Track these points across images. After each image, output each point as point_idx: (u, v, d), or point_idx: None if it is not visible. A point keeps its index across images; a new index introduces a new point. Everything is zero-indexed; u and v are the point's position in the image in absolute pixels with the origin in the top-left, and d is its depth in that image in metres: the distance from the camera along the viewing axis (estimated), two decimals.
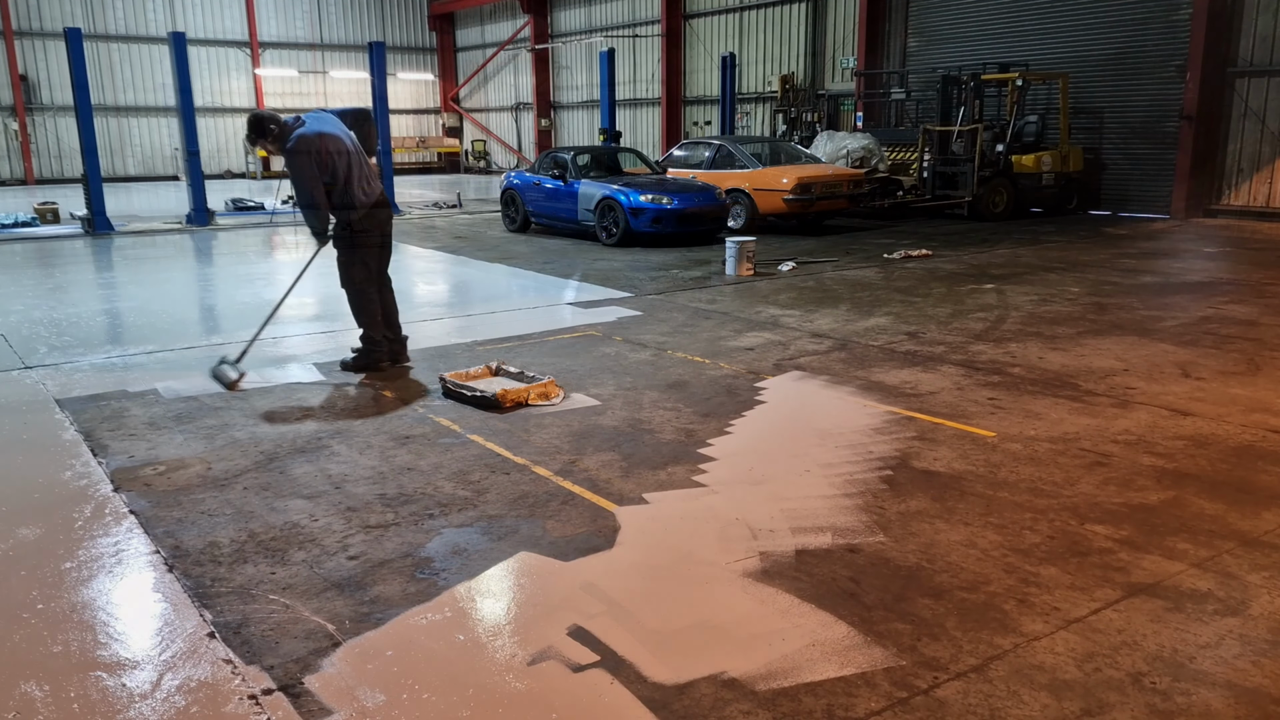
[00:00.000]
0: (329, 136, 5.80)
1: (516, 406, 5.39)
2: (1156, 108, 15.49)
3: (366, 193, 5.95)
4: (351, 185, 5.88)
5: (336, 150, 5.80)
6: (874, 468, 4.42)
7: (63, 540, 3.73)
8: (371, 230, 6.09)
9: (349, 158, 5.87)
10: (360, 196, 5.92)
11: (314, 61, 31.77)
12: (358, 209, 5.94)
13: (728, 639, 2.97)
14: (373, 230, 6.09)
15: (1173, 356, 6.46)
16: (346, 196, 5.89)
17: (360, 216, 5.97)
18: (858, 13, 19.54)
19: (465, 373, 5.88)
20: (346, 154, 5.86)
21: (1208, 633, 2.98)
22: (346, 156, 5.85)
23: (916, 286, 9.38)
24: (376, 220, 6.10)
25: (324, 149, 5.75)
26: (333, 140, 5.81)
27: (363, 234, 6.05)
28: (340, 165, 5.80)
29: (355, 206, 5.93)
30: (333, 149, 5.78)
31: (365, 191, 5.94)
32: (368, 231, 6.07)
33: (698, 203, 12.77)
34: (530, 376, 5.80)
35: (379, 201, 6.08)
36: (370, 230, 6.08)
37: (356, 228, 6.01)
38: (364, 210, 5.97)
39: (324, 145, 5.75)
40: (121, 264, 11.82)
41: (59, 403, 5.60)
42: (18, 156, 27.09)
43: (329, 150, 5.76)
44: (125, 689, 2.75)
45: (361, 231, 6.04)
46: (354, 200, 5.91)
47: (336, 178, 5.82)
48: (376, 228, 6.12)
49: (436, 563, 3.51)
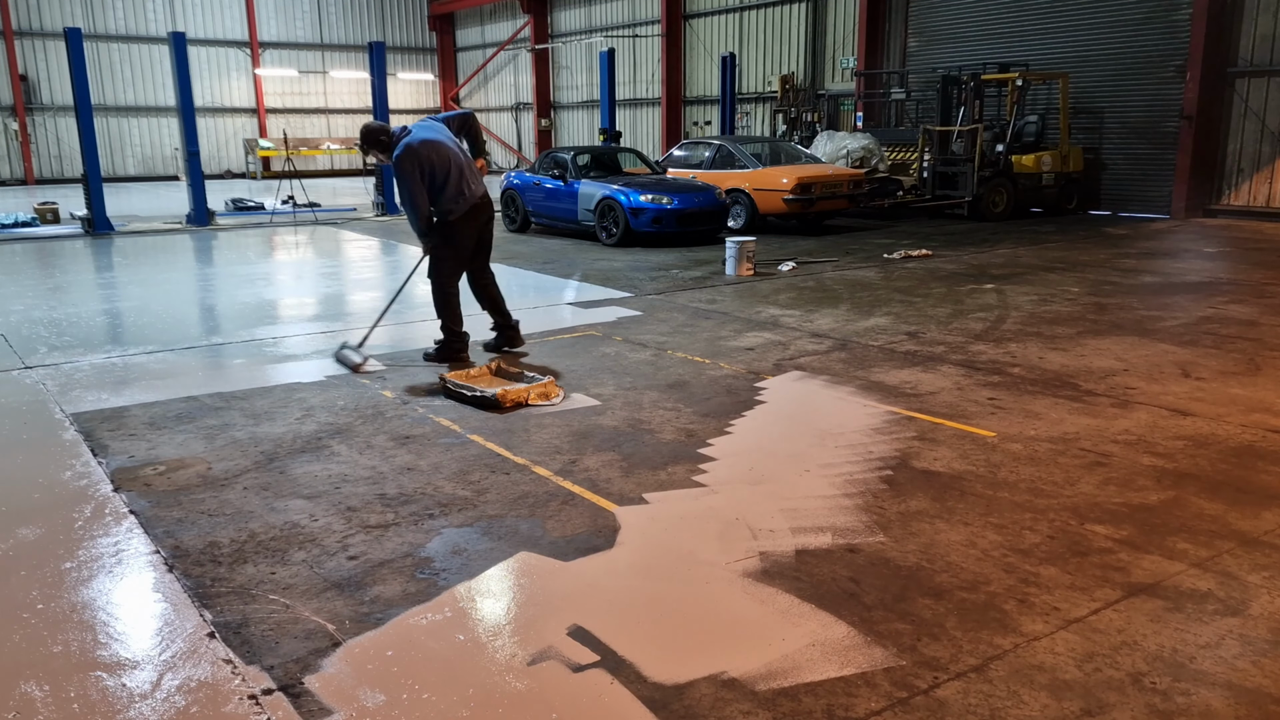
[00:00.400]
0: (432, 144, 6.17)
1: (516, 406, 5.38)
2: (1156, 108, 15.49)
3: (467, 194, 6.30)
4: (449, 187, 6.23)
5: (439, 156, 6.18)
6: (874, 468, 4.42)
7: (63, 540, 3.73)
8: (468, 228, 6.41)
9: (450, 162, 6.23)
10: (461, 197, 6.28)
11: (314, 61, 31.77)
12: (457, 209, 6.30)
13: (728, 639, 2.97)
14: (469, 229, 6.41)
15: (1173, 356, 6.46)
16: (448, 197, 6.25)
17: (459, 216, 6.32)
18: (858, 13, 19.54)
19: (465, 373, 5.89)
20: (448, 159, 6.22)
21: (1208, 633, 2.98)
22: (448, 161, 6.22)
23: (916, 286, 9.38)
24: (476, 219, 6.43)
25: (427, 157, 6.12)
26: (436, 147, 6.18)
27: (459, 232, 6.38)
28: (440, 170, 6.18)
29: (455, 207, 6.29)
30: (435, 156, 6.16)
31: (466, 193, 6.30)
32: (464, 230, 6.39)
33: (698, 203, 12.77)
34: (530, 376, 5.81)
35: (480, 202, 6.39)
36: (467, 228, 6.40)
37: (454, 226, 6.35)
38: (464, 209, 6.32)
39: (427, 153, 6.12)
40: (121, 264, 11.82)
41: (58, 403, 5.60)
42: (18, 156, 27.10)
43: (431, 158, 6.14)
44: (125, 689, 2.75)
45: (458, 229, 6.37)
46: (454, 201, 6.27)
47: (435, 181, 6.20)
48: (474, 227, 6.45)
49: (436, 563, 3.51)
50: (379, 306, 6.97)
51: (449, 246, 6.38)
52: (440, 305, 6.46)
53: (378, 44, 16.81)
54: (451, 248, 6.39)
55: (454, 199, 6.25)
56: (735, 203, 13.76)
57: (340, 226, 15.96)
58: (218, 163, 29.94)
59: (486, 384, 5.71)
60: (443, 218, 6.32)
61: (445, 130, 6.41)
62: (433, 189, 6.20)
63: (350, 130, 31.93)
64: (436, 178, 6.17)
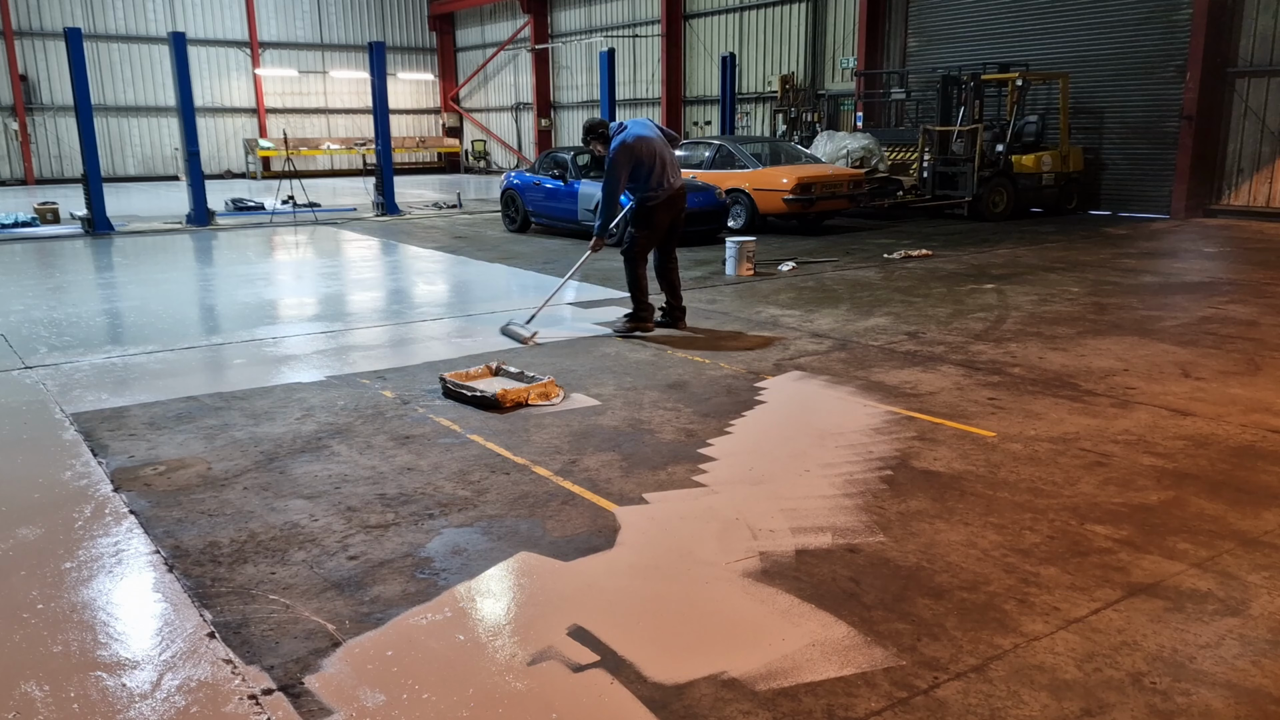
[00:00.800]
0: (644, 139, 7.09)
1: (516, 406, 5.39)
2: (1156, 108, 15.49)
3: (667, 185, 7.21)
4: (653, 177, 7.12)
5: (648, 150, 7.07)
6: (874, 468, 4.42)
7: (63, 540, 3.73)
8: (665, 214, 7.28)
9: (657, 155, 7.12)
10: (661, 187, 7.18)
11: (314, 61, 31.77)
12: (658, 196, 7.19)
13: (728, 639, 2.97)
14: (666, 215, 7.29)
15: (1173, 356, 6.46)
16: (651, 185, 7.14)
17: (659, 202, 7.20)
18: (858, 13, 19.54)
19: (465, 373, 5.89)
20: (655, 152, 7.11)
21: (1208, 633, 2.98)
22: (654, 155, 7.10)
23: (916, 286, 9.38)
24: (672, 207, 7.32)
25: (639, 151, 7.03)
26: (647, 142, 7.10)
27: (656, 216, 7.23)
28: (647, 162, 7.07)
29: (656, 194, 7.18)
30: (645, 150, 7.06)
31: (666, 184, 7.20)
32: (661, 215, 7.26)
33: (698, 203, 12.72)
34: (530, 376, 5.80)
35: (677, 193, 7.33)
36: (664, 214, 7.27)
37: (653, 210, 7.20)
38: (664, 197, 7.21)
39: (640, 147, 7.03)
40: (121, 264, 11.82)
41: (58, 403, 5.60)
42: (18, 156, 27.10)
43: (642, 152, 7.03)
44: (125, 689, 2.75)
45: (656, 214, 7.21)
46: (657, 189, 7.17)
47: (642, 171, 7.08)
48: (670, 213, 7.33)
49: (436, 563, 3.51)
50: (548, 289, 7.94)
51: (646, 228, 7.25)
52: (631, 280, 7.34)
53: (378, 44, 16.81)
54: (648, 230, 7.26)
55: (656, 187, 7.13)
56: (735, 203, 13.76)
57: (340, 226, 15.96)
58: (218, 163, 29.94)
59: (487, 384, 5.72)
60: (644, 203, 7.18)
61: (654, 127, 7.35)
62: (639, 177, 7.09)
63: (350, 130, 31.96)
64: (643, 169, 7.06)
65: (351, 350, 6.92)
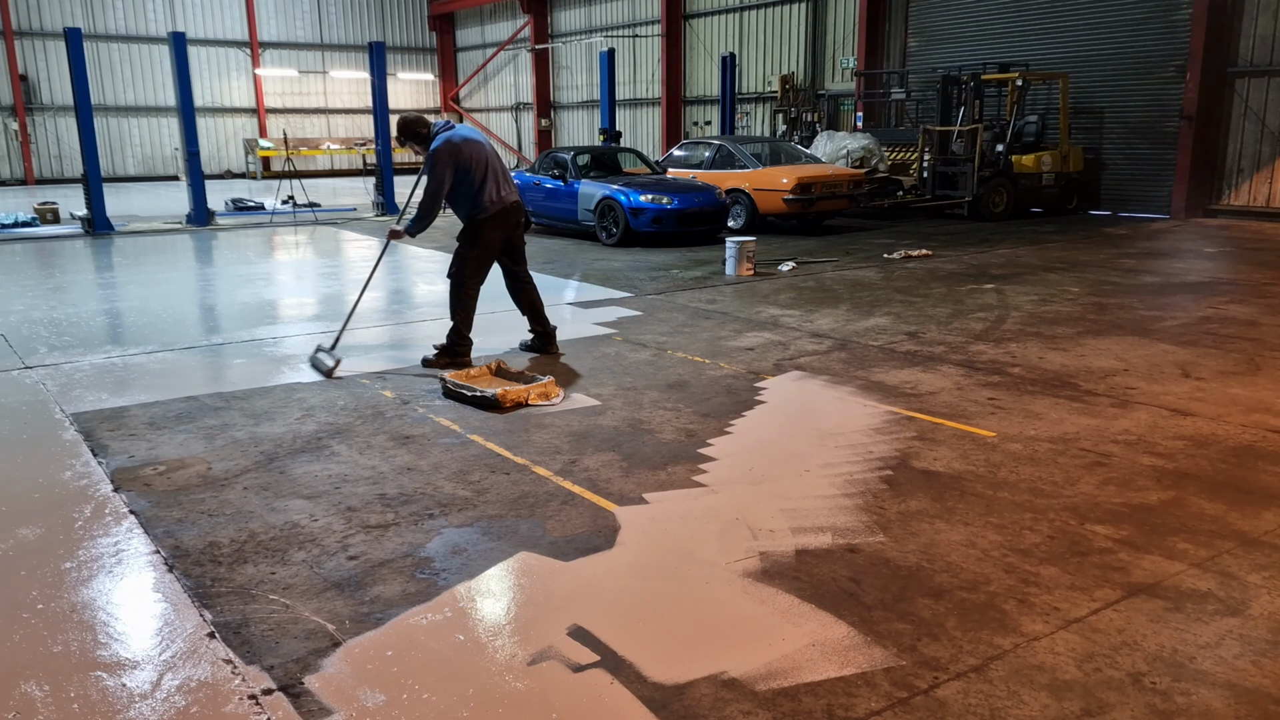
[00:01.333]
0: (473, 142, 6.21)
1: (516, 407, 5.38)
2: (1156, 108, 15.48)
3: (498, 198, 6.25)
4: (484, 188, 6.20)
5: (476, 156, 6.18)
6: (874, 468, 4.42)
7: (63, 540, 3.73)
8: (497, 231, 6.32)
9: (487, 164, 6.23)
10: (493, 201, 6.24)
11: (314, 61, 31.76)
12: (488, 210, 6.24)
13: (728, 639, 2.97)
14: (498, 232, 6.33)
15: (1173, 356, 6.46)
16: (480, 199, 6.21)
17: (489, 217, 6.26)
18: (858, 13, 19.54)
19: (465, 373, 5.88)
20: (485, 160, 6.23)
21: (1208, 633, 2.98)
22: (485, 163, 6.21)
23: (916, 286, 9.38)
24: (505, 223, 6.36)
25: (466, 154, 6.13)
26: (476, 146, 6.21)
27: (487, 233, 6.29)
28: (477, 170, 6.16)
29: (486, 208, 6.23)
30: (474, 155, 6.17)
31: (497, 196, 6.25)
32: (492, 232, 6.31)
33: (698, 203, 12.77)
34: (530, 377, 5.80)
35: (511, 207, 6.36)
36: (495, 231, 6.32)
37: (482, 226, 6.28)
38: (494, 212, 6.26)
39: (468, 150, 6.14)
40: (121, 264, 11.82)
41: (59, 403, 5.60)
42: (18, 156, 27.09)
43: (470, 156, 6.15)
44: (125, 689, 2.75)
45: (486, 231, 6.28)
46: (488, 203, 6.23)
47: (470, 181, 6.16)
48: (503, 230, 6.36)
49: (436, 563, 3.51)
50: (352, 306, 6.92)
51: (476, 247, 6.31)
52: (455, 304, 6.37)
53: (378, 44, 16.81)
54: (478, 249, 6.32)
55: (486, 201, 6.21)
56: (735, 203, 13.76)
57: (340, 226, 15.96)
58: (218, 163, 29.93)
59: (487, 384, 5.71)
60: (473, 218, 6.27)
61: (479, 132, 6.47)
62: (467, 189, 6.17)
63: (350, 130, 31.95)
64: (472, 177, 6.14)
65: (351, 350, 6.91)
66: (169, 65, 16.44)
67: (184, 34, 15.17)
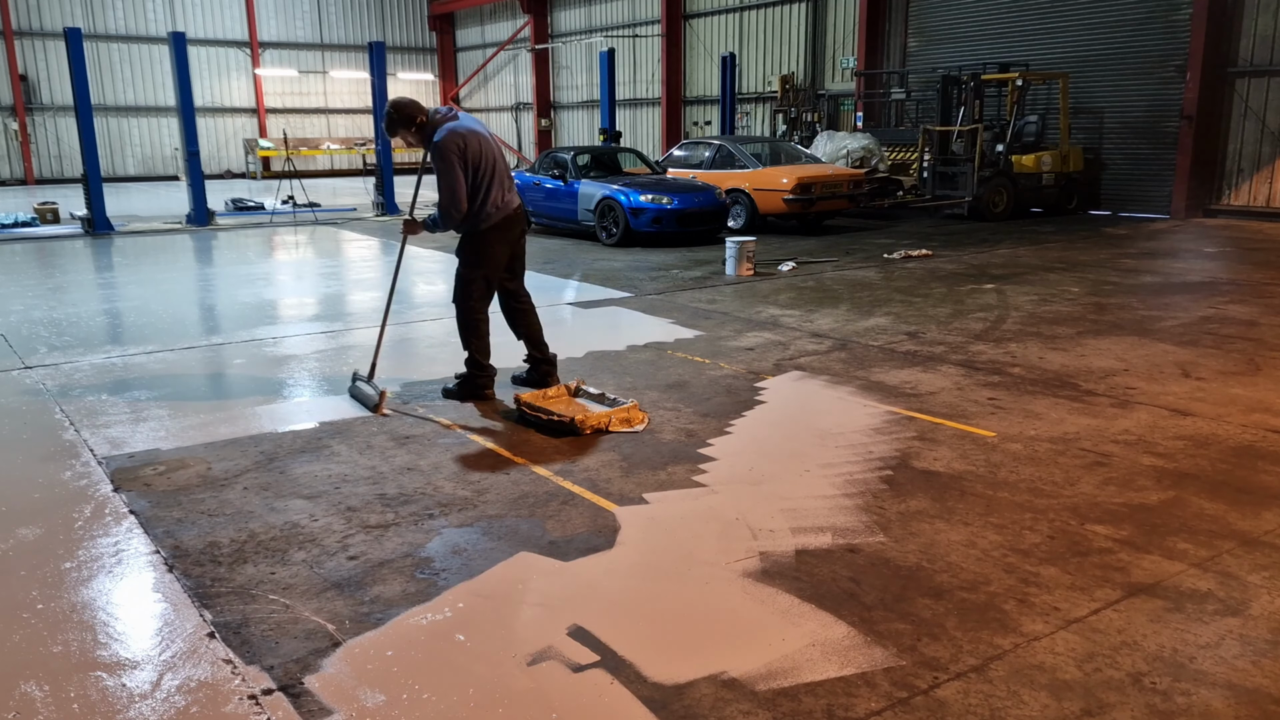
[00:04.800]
0: (479, 135, 5.35)
1: (597, 433, 4.91)
2: (1156, 108, 15.48)
3: (502, 203, 5.41)
4: (490, 191, 5.36)
5: (485, 151, 5.35)
6: (874, 468, 4.42)
7: (63, 540, 3.73)
8: (501, 242, 5.47)
9: (494, 162, 5.39)
10: (496, 206, 5.39)
11: (314, 61, 31.76)
12: (491, 218, 5.38)
13: (728, 639, 2.97)
14: (502, 242, 5.48)
15: (1173, 356, 6.46)
16: (482, 203, 5.34)
17: (491, 226, 5.40)
18: (858, 13, 19.54)
19: (542, 394, 5.32)
20: (493, 158, 5.39)
21: (1208, 633, 2.98)
22: (492, 160, 5.38)
23: (916, 286, 9.38)
24: (509, 232, 5.50)
25: (474, 147, 5.29)
26: (482, 140, 5.36)
27: (491, 245, 5.45)
28: (484, 168, 5.33)
29: (489, 215, 5.38)
30: (482, 149, 5.34)
31: (501, 201, 5.41)
32: (496, 243, 5.46)
33: (698, 203, 12.76)
34: (611, 399, 5.28)
35: (515, 214, 5.50)
36: (499, 242, 5.46)
37: (485, 238, 5.42)
38: (497, 220, 5.40)
39: (475, 143, 5.30)
40: (121, 264, 11.82)
41: (58, 403, 5.60)
42: (18, 156, 27.09)
43: (478, 150, 5.31)
44: (125, 689, 2.75)
45: (490, 242, 5.44)
46: (489, 208, 5.37)
47: (476, 179, 5.32)
48: (507, 241, 5.51)
49: (436, 563, 3.51)
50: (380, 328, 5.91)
51: (480, 265, 5.45)
52: (468, 332, 5.56)
53: (378, 44, 16.81)
54: (483, 266, 5.45)
55: (490, 207, 5.35)
56: (735, 203, 13.76)
57: (340, 226, 15.96)
58: (218, 163, 29.92)
59: (564, 406, 5.22)
60: (473, 228, 5.39)
61: (484, 125, 5.55)
62: (470, 191, 5.29)
63: (350, 130, 31.94)
64: (478, 177, 5.30)
65: (351, 350, 6.91)
66: (169, 65, 16.44)
67: (184, 34, 15.17)
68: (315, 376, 6.21)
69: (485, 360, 5.63)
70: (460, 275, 5.54)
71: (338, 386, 5.94)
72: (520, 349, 5.88)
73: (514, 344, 5.82)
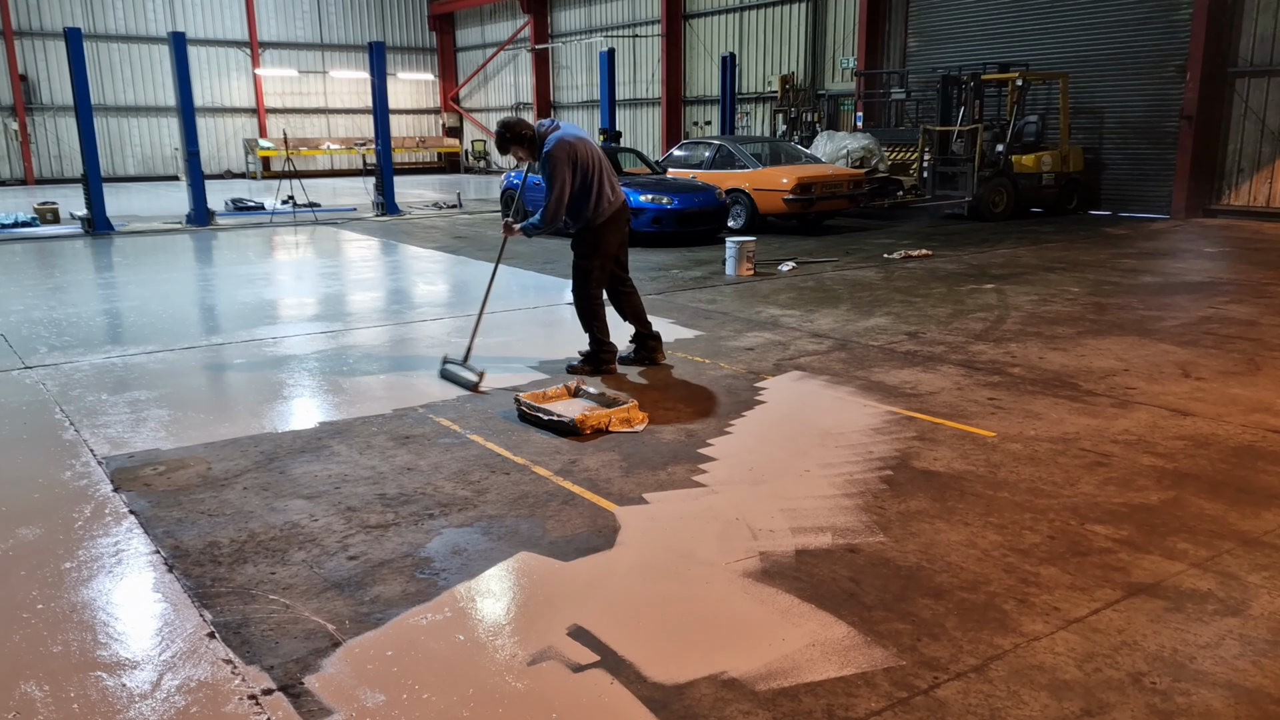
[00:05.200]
0: (585, 140, 5.98)
1: (597, 433, 4.95)
2: (1156, 108, 15.49)
3: (612, 199, 6.02)
4: (601, 189, 5.95)
5: (592, 155, 5.97)
6: (874, 468, 4.42)
7: (63, 540, 3.73)
8: (614, 234, 6.08)
9: (601, 163, 6.01)
10: (607, 202, 5.99)
11: (314, 61, 31.76)
12: (603, 213, 5.98)
13: (728, 639, 2.96)
14: (614, 234, 6.09)
15: (1173, 356, 6.46)
16: (595, 200, 5.95)
17: (604, 220, 6.00)
18: (858, 13, 19.54)
19: (542, 394, 5.40)
20: (599, 159, 6.01)
21: (1208, 633, 2.98)
22: (598, 162, 5.99)
23: (916, 286, 9.38)
24: (620, 224, 6.12)
25: (584, 153, 5.90)
26: (588, 144, 5.98)
27: (604, 237, 6.04)
28: (593, 169, 5.93)
29: (601, 211, 5.97)
30: (589, 153, 5.95)
31: (611, 197, 6.01)
32: (609, 235, 6.06)
33: (698, 203, 12.77)
34: (610, 399, 5.34)
35: (623, 207, 6.13)
36: (612, 234, 6.07)
37: (599, 231, 6.01)
38: (609, 214, 6.01)
39: (583, 149, 5.91)
40: (121, 264, 11.82)
41: (59, 403, 5.60)
42: (18, 156, 27.09)
43: (585, 154, 5.92)
44: (125, 689, 2.75)
45: (604, 235, 6.03)
46: (601, 205, 5.96)
47: (586, 182, 5.92)
48: (618, 233, 6.13)
49: (436, 563, 3.51)
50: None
51: (596, 256, 6.05)
52: (588, 316, 6.17)
53: (378, 44, 16.80)
54: (599, 255, 6.05)
55: (604, 204, 5.97)
56: (735, 203, 13.76)
57: (340, 226, 15.96)
58: (218, 163, 29.93)
59: (564, 406, 5.25)
60: (588, 224, 6.00)
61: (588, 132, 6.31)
62: (584, 192, 5.91)
63: (350, 130, 31.95)
64: (590, 179, 5.91)
65: (351, 350, 6.92)
66: (169, 65, 16.44)
67: (184, 34, 15.17)
68: (315, 376, 6.21)
69: (606, 339, 6.23)
70: (578, 266, 6.14)
71: (338, 386, 5.94)
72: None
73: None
